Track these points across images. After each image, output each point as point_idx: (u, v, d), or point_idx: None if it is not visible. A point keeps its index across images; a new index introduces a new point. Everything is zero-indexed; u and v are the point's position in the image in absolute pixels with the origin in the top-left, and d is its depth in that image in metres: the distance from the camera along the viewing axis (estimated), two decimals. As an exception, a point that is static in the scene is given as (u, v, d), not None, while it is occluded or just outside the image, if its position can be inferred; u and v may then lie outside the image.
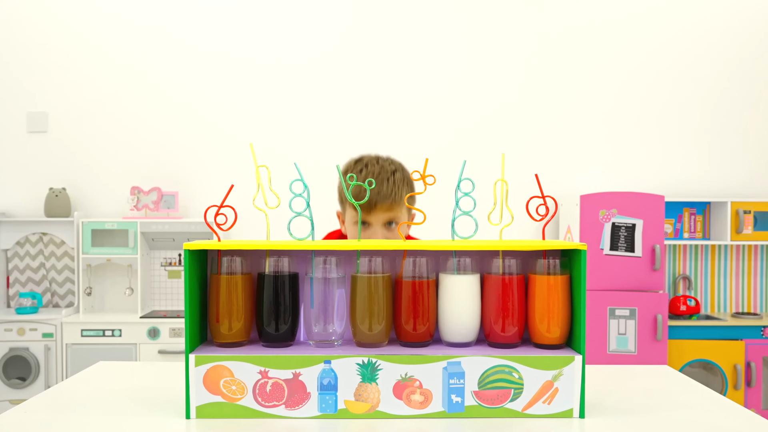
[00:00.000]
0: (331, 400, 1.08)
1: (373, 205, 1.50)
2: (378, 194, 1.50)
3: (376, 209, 1.51)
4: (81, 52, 3.71)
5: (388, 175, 1.54)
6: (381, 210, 1.51)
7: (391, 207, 1.51)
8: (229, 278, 1.14)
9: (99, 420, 1.07)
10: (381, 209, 1.51)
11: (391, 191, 1.51)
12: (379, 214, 1.51)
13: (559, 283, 1.14)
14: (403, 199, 1.54)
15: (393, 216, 1.53)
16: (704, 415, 1.12)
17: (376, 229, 1.52)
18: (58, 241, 3.65)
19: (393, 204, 1.51)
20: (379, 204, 1.50)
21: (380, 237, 1.51)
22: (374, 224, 1.52)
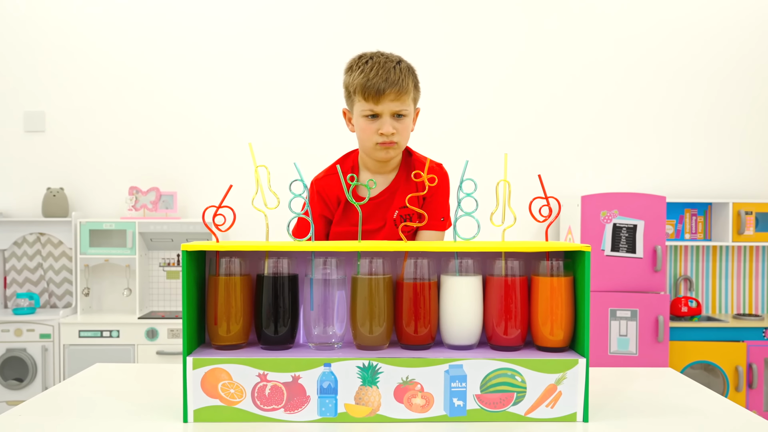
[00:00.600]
0: (331, 404, 1.06)
1: (382, 92, 1.46)
2: (386, 81, 1.46)
3: (384, 97, 1.46)
4: (79, 51, 3.69)
5: (394, 63, 1.50)
6: (389, 98, 1.47)
7: (399, 95, 1.47)
8: (228, 279, 1.13)
9: (94, 424, 1.06)
10: (389, 97, 1.47)
11: (398, 78, 1.47)
12: (388, 103, 1.47)
13: (563, 285, 1.13)
14: (410, 89, 1.51)
15: (401, 108, 1.49)
16: (710, 419, 1.11)
17: (385, 119, 1.48)
18: (55, 241, 3.63)
19: (401, 92, 1.47)
20: (387, 91, 1.46)
21: (389, 128, 1.47)
22: (383, 114, 1.48)
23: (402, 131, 1.51)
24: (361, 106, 1.50)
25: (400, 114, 1.50)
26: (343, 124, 1.65)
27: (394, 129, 1.48)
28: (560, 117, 3.72)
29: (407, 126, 1.52)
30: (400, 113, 1.50)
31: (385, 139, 1.49)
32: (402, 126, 1.51)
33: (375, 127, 1.49)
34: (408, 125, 1.53)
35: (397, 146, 1.52)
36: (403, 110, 1.50)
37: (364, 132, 1.51)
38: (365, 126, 1.51)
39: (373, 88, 1.46)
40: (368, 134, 1.50)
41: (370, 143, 1.51)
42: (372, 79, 1.47)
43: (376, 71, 1.47)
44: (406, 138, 1.54)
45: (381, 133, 1.48)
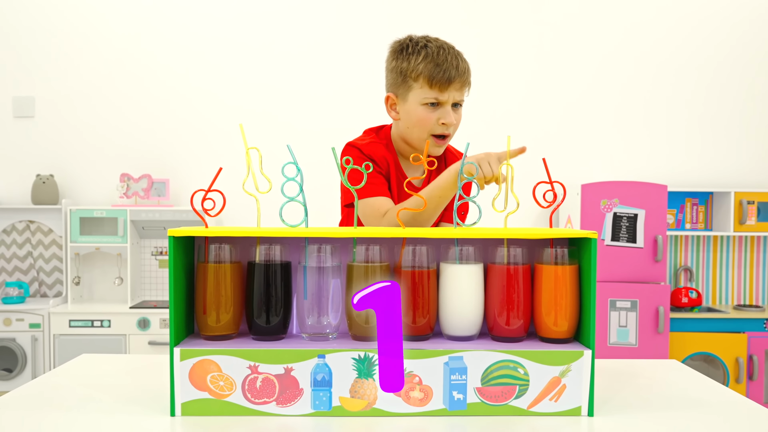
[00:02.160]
0: (325, 397, 1.02)
1: (451, 80, 1.39)
2: (456, 69, 1.40)
3: (452, 85, 1.40)
4: (69, 34, 3.62)
5: (456, 51, 1.44)
6: (455, 87, 1.41)
7: (463, 85, 1.42)
8: (217, 267, 1.09)
9: (77, 417, 1.02)
10: (455, 86, 1.41)
11: (466, 67, 1.42)
12: (453, 91, 1.41)
13: (567, 274, 1.09)
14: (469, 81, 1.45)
15: (462, 97, 1.44)
16: (717, 411, 1.08)
17: (447, 109, 1.42)
18: (45, 229, 3.57)
19: (465, 83, 1.43)
20: (456, 79, 1.40)
21: (452, 118, 1.42)
22: (446, 104, 1.41)
23: (458, 122, 1.46)
24: (422, 93, 1.42)
25: (458, 104, 1.45)
26: (339, 107, 1.58)
27: (454, 120, 1.43)
28: (562, 106, 3.68)
29: (461, 117, 1.47)
30: (458, 103, 1.44)
31: (445, 130, 1.43)
32: (459, 117, 1.46)
33: (436, 116, 1.42)
34: (461, 118, 1.48)
35: (448, 140, 1.47)
36: (462, 100, 1.45)
37: (423, 121, 1.43)
38: (425, 115, 1.43)
39: (444, 75, 1.39)
40: (427, 124, 1.43)
41: (425, 134, 1.44)
42: (441, 65, 1.39)
43: (444, 57, 1.40)
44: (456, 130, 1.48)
45: (443, 123, 1.42)
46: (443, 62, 1.39)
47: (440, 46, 1.43)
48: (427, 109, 1.42)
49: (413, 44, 1.44)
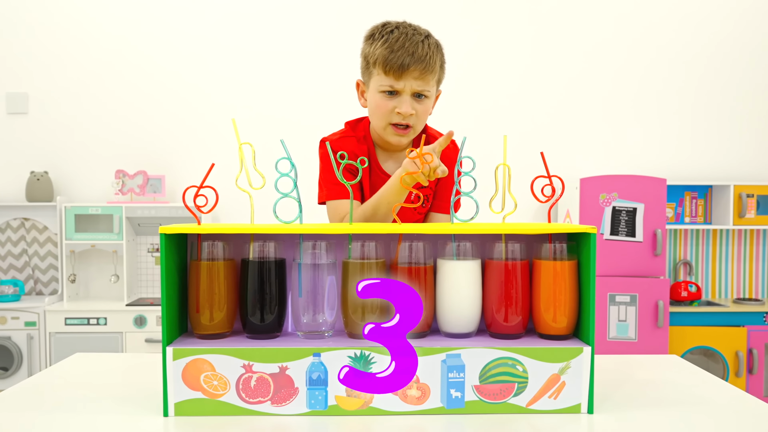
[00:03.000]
0: (320, 396, 1.01)
1: (405, 67, 1.32)
2: (411, 55, 1.32)
3: (407, 73, 1.33)
4: (62, 30, 3.59)
5: (422, 37, 1.36)
6: (413, 75, 1.33)
7: (423, 74, 1.34)
8: (210, 264, 1.07)
9: (69, 418, 1.00)
10: (413, 74, 1.33)
11: (425, 54, 1.33)
12: (410, 80, 1.34)
13: (566, 269, 1.07)
14: (436, 68, 1.37)
15: (423, 87, 1.36)
16: (717, 407, 1.07)
17: (405, 98, 1.35)
18: (40, 226, 3.55)
19: (426, 71, 1.34)
20: (411, 67, 1.32)
21: (408, 108, 1.35)
22: (403, 92, 1.35)
23: (420, 114, 1.38)
24: (379, 81, 1.37)
25: (421, 94, 1.37)
26: (335, 102, 1.55)
27: (413, 110, 1.36)
28: (560, 99, 3.66)
29: (426, 109, 1.40)
30: (421, 93, 1.37)
31: (401, 120, 1.37)
32: (421, 108, 1.38)
33: (392, 105, 1.37)
34: (427, 108, 1.40)
35: (411, 132, 1.40)
36: (425, 91, 1.36)
37: (379, 109, 1.38)
38: (381, 103, 1.37)
39: (396, 61, 1.32)
40: (383, 112, 1.38)
41: (383, 122, 1.39)
42: (396, 51, 1.33)
43: (401, 43, 1.34)
44: (422, 122, 1.41)
45: (398, 112, 1.36)
46: (399, 48, 1.33)
47: (405, 32, 1.36)
48: (384, 97, 1.37)
49: (382, 29, 1.39)
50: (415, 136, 1.43)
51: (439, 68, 1.40)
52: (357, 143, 1.47)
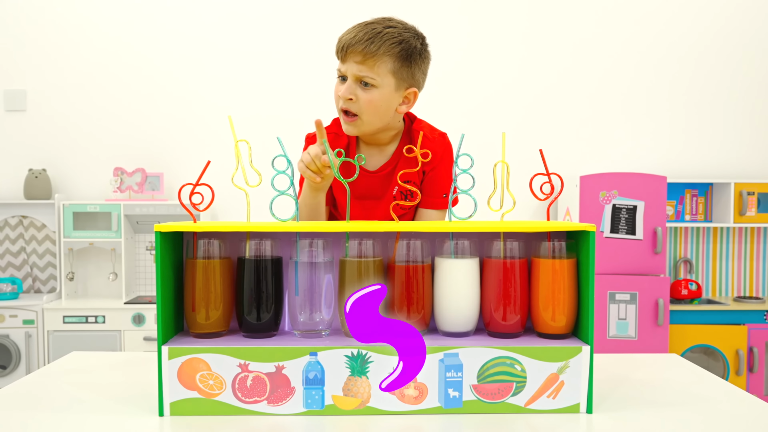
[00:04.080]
0: (317, 396, 1.00)
1: (346, 49, 1.29)
2: (353, 37, 1.29)
3: (348, 56, 1.29)
4: (60, 28, 3.58)
5: (381, 27, 1.31)
6: (353, 59, 1.29)
7: (365, 58, 1.28)
8: (206, 263, 1.06)
9: (64, 417, 1.00)
10: (354, 57, 1.29)
11: (370, 39, 1.28)
12: (352, 63, 1.29)
13: (565, 268, 1.07)
14: (385, 58, 1.29)
15: (366, 74, 1.29)
16: (719, 408, 1.06)
17: (348, 82, 1.31)
18: (38, 224, 3.54)
19: (368, 55, 1.27)
20: (350, 49, 1.28)
21: (345, 91, 1.31)
22: (348, 76, 1.31)
23: (363, 103, 1.31)
24: None
25: (366, 82, 1.30)
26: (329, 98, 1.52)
27: (352, 95, 1.31)
28: (558, 95, 3.65)
29: (373, 100, 1.31)
30: (365, 81, 1.31)
31: (342, 104, 1.33)
32: (365, 97, 1.31)
33: (340, 89, 1.34)
34: (375, 100, 1.31)
35: (359, 122, 1.35)
36: (368, 77, 1.29)
37: (334, 94, 1.36)
38: (335, 87, 1.36)
39: (340, 45, 1.31)
40: (335, 97, 1.36)
41: (337, 108, 1.37)
42: (346, 34, 1.32)
43: (355, 27, 1.32)
44: (372, 114, 1.33)
45: (338, 95, 1.33)
46: (347, 33, 1.31)
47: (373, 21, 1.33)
48: (338, 82, 1.36)
49: None
50: (368, 129, 1.37)
51: (395, 60, 1.31)
52: (334, 138, 1.44)
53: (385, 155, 1.46)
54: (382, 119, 1.36)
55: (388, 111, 1.35)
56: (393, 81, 1.32)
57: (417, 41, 1.34)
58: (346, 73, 1.32)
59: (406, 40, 1.32)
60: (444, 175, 1.45)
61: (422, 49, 1.36)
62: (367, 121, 1.34)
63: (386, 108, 1.34)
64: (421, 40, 1.37)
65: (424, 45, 1.38)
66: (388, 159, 1.45)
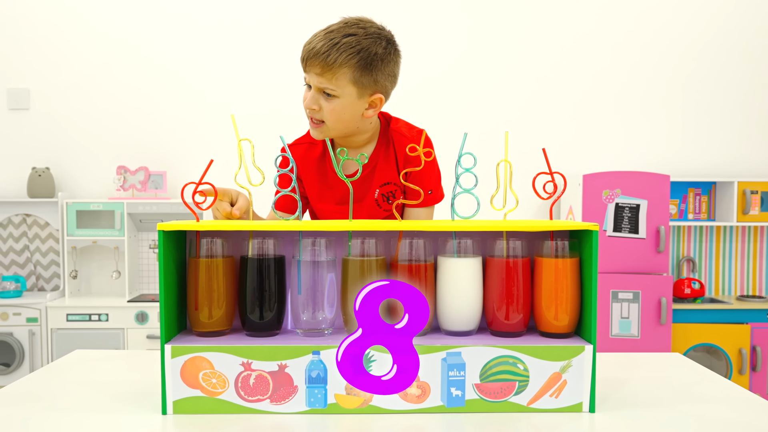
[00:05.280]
0: (320, 394, 1.00)
1: (305, 61, 1.29)
2: (310, 50, 1.28)
3: (308, 67, 1.30)
4: (64, 26, 3.58)
5: (341, 35, 1.28)
6: (314, 70, 1.28)
7: (323, 71, 1.27)
8: (209, 262, 1.06)
9: (67, 416, 1.00)
10: (314, 69, 1.28)
11: (327, 51, 1.26)
12: (312, 75, 1.29)
13: (568, 267, 1.06)
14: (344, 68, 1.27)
15: (326, 85, 1.29)
16: (722, 407, 1.05)
17: (311, 92, 1.32)
18: (42, 222, 3.55)
19: (325, 68, 1.26)
20: (309, 62, 1.28)
21: (309, 101, 1.32)
22: (312, 85, 1.31)
23: (328, 113, 1.31)
24: None
25: (327, 92, 1.30)
26: None
27: (316, 105, 1.31)
28: (561, 94, 3.64)
29: (336, 109, 1.31)
30: (326, 91, 1.29)
31: (309, 113, 1.34)
32: (328, 106, 1.30)
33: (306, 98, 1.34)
34: (337, 109, 1.31)
35: (325, 128, 1.34)
36: (328, 88, 1.29)
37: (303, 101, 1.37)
38: (303, 94, 1.36)
39: (302, 54, 1.31)
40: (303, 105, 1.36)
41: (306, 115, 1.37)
42: (307, 44, 1.31)
43: (315, 37, 1.30)
44: (336, 122, 1.32)
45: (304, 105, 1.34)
46: (308, 43, 1.30)
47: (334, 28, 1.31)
48: (305, 89, 1.36)
49: None
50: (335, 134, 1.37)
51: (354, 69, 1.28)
52: (305, 150, 1.45)
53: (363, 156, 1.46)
54: (348, 126, 1.35)
55: (353, 118, 1.34)
56: (354, 90, 1.30)
57: (378, 46, 1.30)
58: (309, 82, 1.32)
59: (365, 48, 1.28)
60: (426, 171, 1.43)
61: (385, 53, 1.32)
62: (332, 127, 1.34)
63: (351, 115, 1.33)
64: (386, 42, 1.33)
65: (390, 47, 1.34)
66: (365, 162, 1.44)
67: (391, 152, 1.44)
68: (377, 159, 1.44)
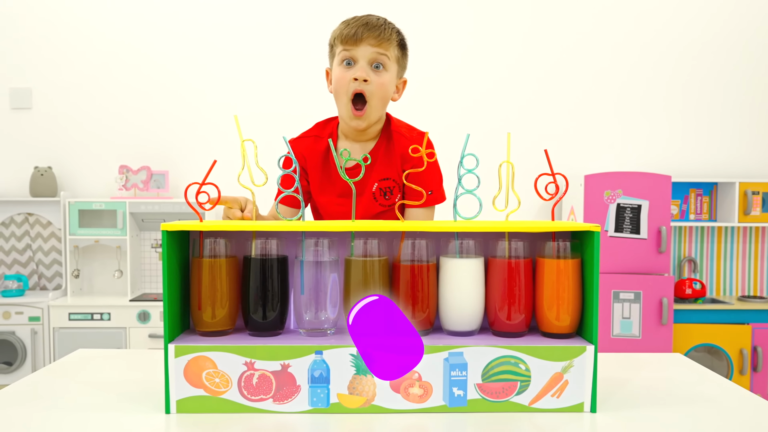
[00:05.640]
0: (322, 394, 1.01)
1: (360, 35, 1.36)
2: (365, 25, 1.37)
3: (362, 40, 1.37)
4: (66, 26, 3.58)
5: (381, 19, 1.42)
6: (368, 42, 1.37)
7: (379, 42, 1.37)
8: (212, 262, 1.06)
9: (70, 415, 1.00)
10: (368, 41, 1.37)
11: (380, 25, 1.38)
12: (366, 46, 1.37)
13: (570, 267, 1.07)
14: (393, 42, 1.40)
15: (381, 54, 1.38)
16: (723, 408, 1.06)
17: (361, 64, 1.38)
18: (44, 221, 3.56)
19: (381, 40, 1.37)
20: (365, 35, 1.36)
21: (362, 72, 1.37)
22: (360, 60, 1.38)
23: (376, 86, 1.38)
24: (339, 54, 1.40)
25: (378, 64, 1.39)
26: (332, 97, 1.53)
27: (368, 76, 1.37)
28: (562, 94, 3.64)
29: (385, 83, 1.39)
30: (378, 62, 1.38)
31: (357, 86, 1.37)
32: (378, 79, 1.38)
33: (350, 74, 1.38)
34: (386, 82, 1.40)
35: (368, 110, 1.39)
36: (382, 59, 1.38)
37: (338, 82, 1.40)
38: (340, 75, 1.40)
39: (351, 31, 1.37)
40: (342, 84, 1.39)
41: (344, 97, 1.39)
42: (351, 24, 1.39)
43: (356, 19, 1.40)
44: (382, 98, 1.41)
45: (354, 78, 1.37)
46: (353, 21, 1.39)
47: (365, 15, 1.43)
48: (344, 69, 1.40)
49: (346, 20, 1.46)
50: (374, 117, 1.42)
51: (398, 47, 1.42)
52: (312, 143, 1.48)
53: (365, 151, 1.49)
54: (384, 106, 1.43)
55: (388, 98, 1.43)
56: (395, 67, 1.42)
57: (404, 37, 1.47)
58: (356, 58, 1.38)
59: (400, 31, 1.44)
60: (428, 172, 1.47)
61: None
62: (375, 106, 1.40)
63: (389, 94, 1.42)
64: None
65: None
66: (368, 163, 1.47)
67: (392, 149, 1.47)
68: (378, 155, 1.48)
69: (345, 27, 1.39)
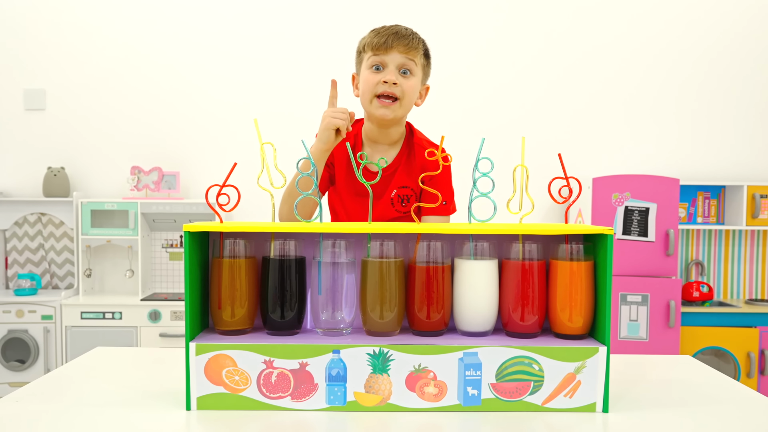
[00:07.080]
0: (339, 392, 1.02)
1: (390, 43, 1.45)
2: (395, 34, 1.47)
3: (392, 48, 1.45)
4: (79, 27, 3.62)
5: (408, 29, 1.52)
6: (397, 49, 1.46)
7: (408, 50, 1.46)
8: (232, 262, 1.08)
9: (94, 411, 1.02)
10: (398, 48, 1.46)
11: (408, 34, 1.48)
12: (395, 54, 1.46)
13: (583, 270, 1.08)
14: (420, 50, 1.49)
15: (409, 63, 1.47)
16: (732, 409, 1.07)
17: (391, 68, 1.47)
18: (57, 221, 3.59)
19: (410, 47, 1.46)
20: (395, 43, 1.46)
21: (392, 76, 1.45)
22: (389, 65, 1.47)
23: (406, 89, 1.47)
24: (368, 60, 1.48)
25: (406, 70, 1.47)
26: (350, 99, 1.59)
27: (397, 80, 1.45)
28: (572, 97, 3.65)
29: (413, 86, 1.48)
30: (406, 68, 1.47)
31: (387, 89, 1.45)
32: (407, 83, 1.47)
33: (378, 77, 1.46)
34: (413, 86, 1.49)
35: (398, 105, 1.48)
36: (409, 65, 1.47)
37: (366, 84, 1.48)
38: (368, 78, 1.48)
39: (381, 39, 1.46)
40: (370, 86, 1.47)
41: (370, 95, 1.48)
42: (381, 32, 1.47)
43: (387, 28, 1.48)
44: (410, 100, 1.50)
45: (384, 81, 1.45)
46: (383, 30, 1.48)
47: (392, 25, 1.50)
48: (372, 73, 1.48)
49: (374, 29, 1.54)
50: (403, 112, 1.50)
51: (424, 56, 1.51)
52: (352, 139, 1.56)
53: (388, 157, 1.56)
54: (409, 107, 1.51)
55: (413, 100, 1.52)
56: (420, 74, 1.51)
57: None
58: (386, 63, 1.47)
59: (424, 41, 1.53)
60: (443, 183, 1.57)
61: None
62: (405, 105, 1.49)
63: (414, 97, 1.51)
64: None
65: None
66: (390, 162, 1.55)
67: (413, 160, 1.55)
68: (399, 163, 1.55)
69: (375, 36, 1.48)
